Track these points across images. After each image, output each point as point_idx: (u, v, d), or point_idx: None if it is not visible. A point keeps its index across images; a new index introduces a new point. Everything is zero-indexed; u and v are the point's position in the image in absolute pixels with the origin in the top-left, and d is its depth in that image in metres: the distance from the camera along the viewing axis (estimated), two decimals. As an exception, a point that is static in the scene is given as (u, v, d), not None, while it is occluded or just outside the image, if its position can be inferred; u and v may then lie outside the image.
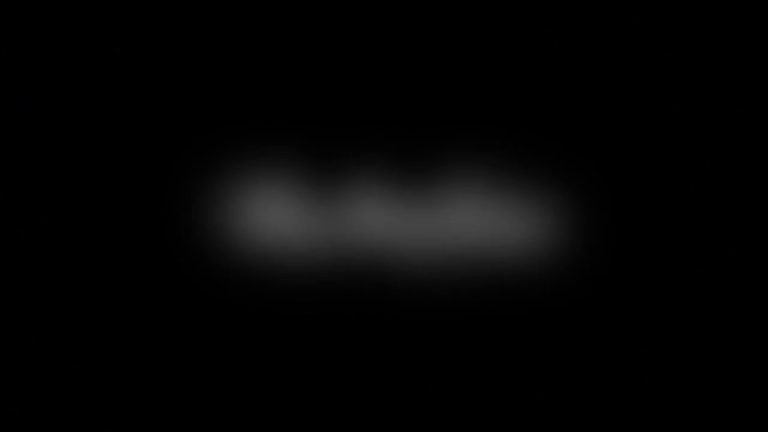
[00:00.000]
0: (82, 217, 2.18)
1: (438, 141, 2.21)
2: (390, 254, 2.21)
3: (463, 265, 2.21)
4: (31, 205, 2.17)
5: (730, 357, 2.14)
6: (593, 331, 2.17)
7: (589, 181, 2.19)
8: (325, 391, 2.18)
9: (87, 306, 2.17)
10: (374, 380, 2.18)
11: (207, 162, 2.21)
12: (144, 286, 2.18)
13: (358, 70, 2.22)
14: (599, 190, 2.19)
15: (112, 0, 2.19)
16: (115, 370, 2.16)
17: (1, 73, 2.18)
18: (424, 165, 2.21)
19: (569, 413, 2.15)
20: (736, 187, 2.17)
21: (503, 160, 2.20)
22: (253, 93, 2.22)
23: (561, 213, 2.18)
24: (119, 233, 2.18)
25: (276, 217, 2.22)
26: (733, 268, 2.16)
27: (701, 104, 2.18)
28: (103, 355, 2.16)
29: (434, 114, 2.21)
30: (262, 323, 2.19)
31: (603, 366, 2.16)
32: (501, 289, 2.19)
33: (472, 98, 2.21)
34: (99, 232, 2.18)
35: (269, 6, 2.22)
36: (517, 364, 2.18)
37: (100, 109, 2.20)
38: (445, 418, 2.18)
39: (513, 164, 2.20)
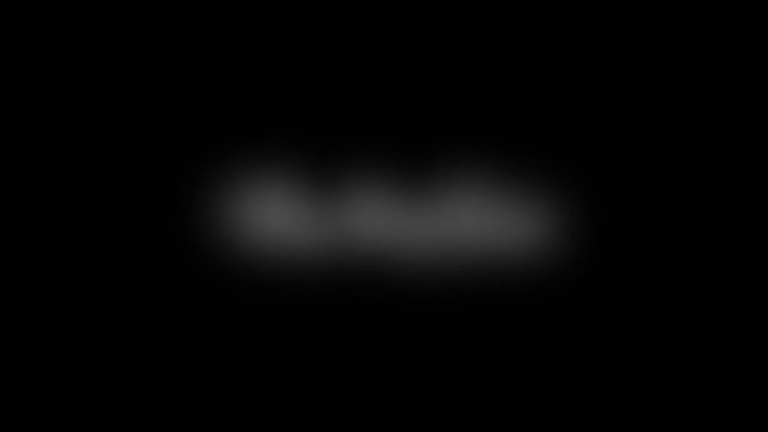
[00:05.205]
0: (83, 217, 2.18)
1: (438, 141, 2.21)
2: (390, 254, 2.21)
3: (463, 265, 2.21)
4: (31, 204, 2.17)
5: (730, 357, 2.14)
6: (593, 330, 2.17)
7: (589, 182, 2.19)
8: (325, 392, 2.18)
9: (87, 306, 2.17)
10: (374, 381, 2.18)
11: (208, 163, 2.21)
12: (144, 287, 2.18)
13: (357, 70, 2.22)
14: (599, 189, 2.19)
15: (125, 20, 2.19)
16: (114, 369, 2.16)
17: (1, 73, 2.18)
18: (424, 165, 2.21)
19: (569, 413, 2.15)
20: (735, 188, 2.16)
21: (502, 160, 2.20)
22: (253, 93, 2.21)
23: (561, 213, 2.18)
24: (120, 233, 2.18)
25: (276, 217, 2.22)
26: (733, 270, 2.16)
27: (700, 105, 2.18)
28: (102, 355, 2.16)
29: (434, 114, 2.21)
30: (262, 324, 2.19)
31: (603, 366, 2.16)
32: (501, 288, 2.19)
33: (472, 98, 2.20)
34: (101, 232, 2.18)
35: (270, 5, 2.21)
36: (517, 364, 2.18)
37: (102, 109, 2.20)
38: (445, 418, 2.18)
39: (512, 164, 2.20)
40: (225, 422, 2.16)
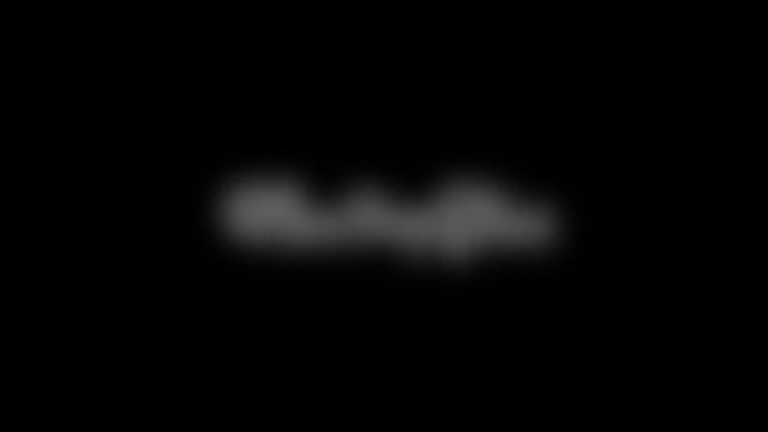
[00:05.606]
0: (88, 218, 2.18)
1: (439, 144, 2.23)
2: (390, 254, 2.22)
3: (463, 264, 2.22)
4: (34, 205, 2.17)
5: (730, 356, 2.15)
6: (591, 330, 2.17)
7: (587, 184, 2.21)
8: (325, 389, 2.18)
9: (89, 303, 2.17)
10: (376, 377, 2.18)
11: (213, 164, 2.22)
12: (148, 285, 2.18)
13: (358, 73, 2.24)
14: (597, 192, 2.20)
15: (127, 20, 2.20)
16: (115, 367, 2.16)
17: (12, 79, 2.20)
18: (425, 167, 2.23)
19: (568, 410, 2.15)
20: (734, 188, 2.18)
21: (501, 162, 2.21)
22: (262, 102, 2.23)
23: (560, 213, 2.19)
24: (125, 234, 2.19)
25: (279, 217, 2.22)
26: (732, 267, 2.17)
27: (697, 109, 2.20)
28: (104, 352, 2.16)
29: (436, 116, 2.23)
30: (262, 320, 2.19)
31: (603, 363, 2.16)
32: (500, 288, 2.19)
33: (472, 101, 2.22)
34: (107, 232, 2.19)
35: (275, 25, 2.24)
36: (517, 364, 2.18)
37: (111, 117, 2.21)
38: (447, 415, 2.18)
39: (511, 166, 2.21)
40: (226, 420, 2.16)
